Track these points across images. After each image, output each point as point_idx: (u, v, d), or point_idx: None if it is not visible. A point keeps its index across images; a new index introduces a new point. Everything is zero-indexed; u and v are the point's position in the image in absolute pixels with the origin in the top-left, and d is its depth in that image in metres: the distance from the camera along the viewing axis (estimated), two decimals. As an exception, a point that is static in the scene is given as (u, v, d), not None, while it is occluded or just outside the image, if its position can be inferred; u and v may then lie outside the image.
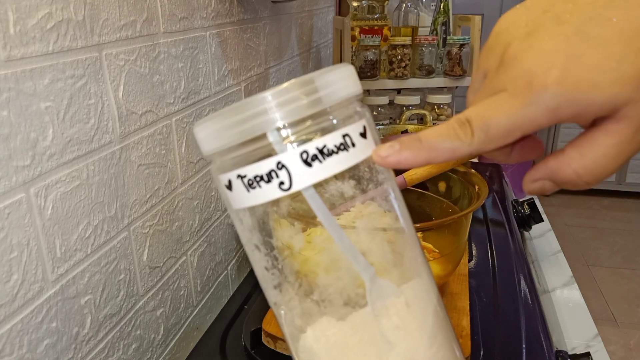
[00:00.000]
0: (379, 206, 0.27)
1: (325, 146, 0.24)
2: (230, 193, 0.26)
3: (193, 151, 0.65)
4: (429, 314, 0.28)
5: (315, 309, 0.27)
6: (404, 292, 0.27)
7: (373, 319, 0.26)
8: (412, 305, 0.27)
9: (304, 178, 0.24)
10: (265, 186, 0.24)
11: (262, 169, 0.24)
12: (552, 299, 0.78)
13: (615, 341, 1.92)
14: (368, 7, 1.30)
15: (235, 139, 0.24)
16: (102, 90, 0.47)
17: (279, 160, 0.24)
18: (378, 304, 0.26)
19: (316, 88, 0.24)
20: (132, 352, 0.55)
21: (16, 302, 0.39)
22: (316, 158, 0.24)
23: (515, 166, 1.09)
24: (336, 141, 0.24)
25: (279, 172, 0.24)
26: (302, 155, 0.24)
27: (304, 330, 0.28)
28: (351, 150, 0.25)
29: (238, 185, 0.25)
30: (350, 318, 0.27)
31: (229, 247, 0.78)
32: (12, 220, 0.38)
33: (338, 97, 0.25)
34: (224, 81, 0.73)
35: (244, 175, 0.24)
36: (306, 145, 0.24)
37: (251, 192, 0.24)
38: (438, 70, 1.29)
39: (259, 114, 0.23)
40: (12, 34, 0.37)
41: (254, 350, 0.55)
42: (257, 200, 0.25)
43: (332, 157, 0.24)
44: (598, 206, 2.96)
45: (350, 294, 0.26)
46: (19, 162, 0.38)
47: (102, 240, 0.49)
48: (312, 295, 0.27)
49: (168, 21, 0.58)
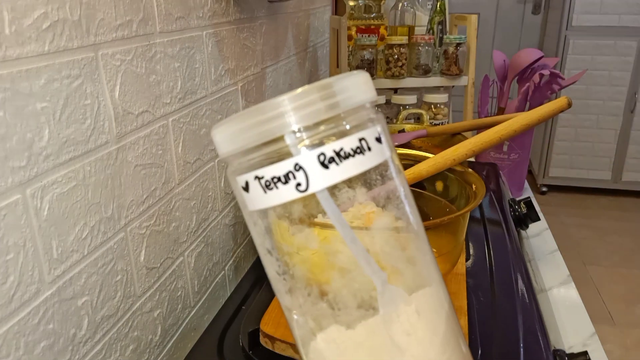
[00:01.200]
0: (388, 212, 0.28)
1: (342, 149, 0.24)
2: (246, 195, 0.26)
3: (190, 151, 0.65)
4: (441, 321, 0.28)
5: (326, 314, 0.27)
6: (415, 300, 0.27)
7: (384, 325, 0.26)
8: (423, 312, 0.27)
9: (321, 180, 0.24)
10: (282, 187, 0.24)
11: (280, 170, 0.24)
12: (549, 298, 0.78)
13: (612, 340, 1.92)
14: (365, 7, 1.30)
15: (253, 140, 0.24)
16: (98, 91, 0.47)
17: (296, 162, 0.24)
18: (389, 310, 0.26)
19: (334, 92, 0.25)
20: (130, 353, 0.55)
21: (13, 303, 0.39)
22: (333, 160, 0.24)
23: (512, 165, 1.09)
24: (353, 144, 0.25)
25: (296, 173, 0.24)
26: (319, 157, 0.24)
27: (314, 336, 0.28)
28: (367, 154, 0.25)
29: (255, 186, 0.25)
30: (361, 325, 0.27)
31: (226, 248, 0.78)
32: (9, 221, 0.38)
33: (354, 102, 0.25)
34: (221, 81, 0.73)
35: (261, 176, 0.25)
36: (323, 148, 0.24)
37: (268, 193, 0.25)
38: (435, 69, 1.29)
39: (276, 116, 0.24)
40: (7, 34, 0.37)
41: (252, 350, 0.55)
42: (274, 201, 0.25)
43: (348, 160, 0.24)
44: (595, 205, 2.96)
45: (364, 297, 0.26)
46: (15, 163, 0.38)
47: (99, 241, 0.49)
48: (323, 301, 0.27)
49: (164, 21, 0.58)
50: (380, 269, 0.26)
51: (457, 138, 1.04)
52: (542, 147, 2.98)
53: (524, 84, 1.10)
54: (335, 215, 0.25)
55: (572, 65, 2.74)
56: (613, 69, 2.73)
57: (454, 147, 0.57)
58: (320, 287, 0.27)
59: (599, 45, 2.70)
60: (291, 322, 0.29)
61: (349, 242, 0.25)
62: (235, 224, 0.81)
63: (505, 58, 1.16)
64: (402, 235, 0.28)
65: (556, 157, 2.97)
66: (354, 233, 0.25)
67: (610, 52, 2.70)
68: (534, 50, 1.10)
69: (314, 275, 0.54)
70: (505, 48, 2.97)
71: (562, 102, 0.57)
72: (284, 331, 0.53)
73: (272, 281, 0.29)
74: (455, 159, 0.57)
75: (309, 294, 0.27)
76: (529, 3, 3.03)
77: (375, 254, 0.26)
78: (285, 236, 0.28)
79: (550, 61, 1.11)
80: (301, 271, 0.28)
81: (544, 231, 0.98)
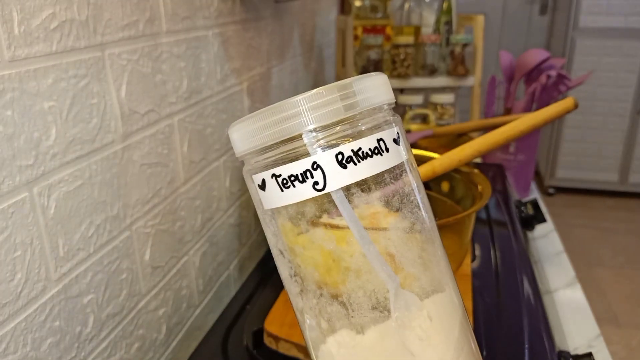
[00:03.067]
0: (403, 217, 0.27)
1: (361, 149, 0.24)
2: (262, 193, 0.26)
3: (195, 151, 0.65)
4: (454, 326, 0.28)
5: (338, 316, 0.27)
6: (428, 305, 0.27)
7: (396, 329, 0.26)
8: (437, 318, 0.27)
9: (339, 179, 0.24)
10: (299, 186, 0.24)
11: (297, 169, 0.24)
12: (555, 299, 0.78)
13: (617, 341, 1.91)
14: (370, 6, 1.30)
15: (271, 138, 0.24)
16: (104, 90, 0.48)
17: (314, 161, 0.24)
18: (402, 315, 0.26)
19: (353, 93, 0.25)
20: (135, 351, 0.55)
21: (20, 300, 0.39)
22: (351, 160, 0.24)
23: (518, 166, 1.08)
24: (371, 145, 0.25)
25: (314, 172, 0.24)
26: (337, 157, 0.24)
27: (325, 339, 0.28)
28: (385, 155, 0.25)
29: (272, 185, 0.25)
30: (373, 329, 0.27)
31: (231, 247, 0.78)
32: (16, 219, 0.38)
33: (373, 103, 0.25)
34: (226, 80, 0.73)
35: (279, 174, 0.25)
36: (342, 147, 0.24)
37: (285, 191, 0.25)
38: (441, 69, 1.29)
39: (295, 115, 0.24)
40: (16, 34, 0.37)
41: (256, 350, 0.55)
42: (291, 199, 0.25)
43: (366, 160, 0.25)
44: (601, 206, 2.95)
45: (379, 298, 0.26)
46: (23, 162, 0.39)
47: (105, 239, 0.49)
48: (334, 303, 0.27)
49: (171, 21, 0.58)
50: (393, 272, 0.26)
51: (463, 138, 1.04)
52: (549, 148, 2.97)
53: (530, 85, 1.10)
54: (349, 215, 0.25)
55: (579, 66, 2.73)
56: (619, 70, 2.71)
57: (460, 147, 0.57)
58: (332, 289, 0.27)
59: (606, 46, 2.69)
60: (303, 325, 0.29)
61: (362, 243, 0.25)
62: (240, 224, 0.81)
63: (511, 59, 1.15)
64: (417, 237, 0.28)
65: (563, 158, 2.95)
66: (369, 234, 0.25)
67: (617, 53, 2.69)
68: (541, 50, 1.10)
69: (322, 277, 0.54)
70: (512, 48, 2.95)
71: (569, 103, 0.57)
72: (288, 331, 0.53)
73: (285, 283, 0.29)
74: (461, 160, 0.57)
75: (321, 295, 0.27)
76: (536, 4, 3.01)
77: (390, 255, 0.26)
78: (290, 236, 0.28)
79: (557, 62, 1.10)
80: (310, 273, 0.28)
81: (550, 232, 0.97)
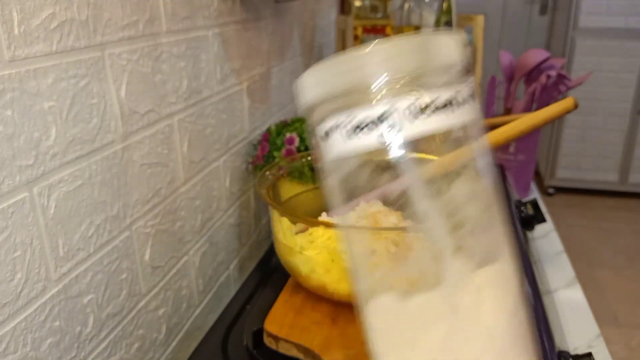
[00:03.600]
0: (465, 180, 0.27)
1: (435, 100, 0.24)
2: (325, 144, 0.25)
3: (195, 151, 0.65)
4: (507, 298, 0.27)
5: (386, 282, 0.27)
6: (480, 275, 0.26)
7: (447, 296, 0.26)
8: (489, 288, 0.26)
9: (408, 130, 0.23)
10: (364, 137, 0.24)
11: (366, 118, 0.23)
12: (555, 299, 0.78)
13: (617, 341, 1.91)
14: (370, 7, 1.30)
15: (343, 86, 0.24)
16: (104, 90, 0.48)
17: (385, 110, 0.23)
18: (453, 282, 0.26)
19: (428, 47, 0.24)
20: (134, 351, 0.55)
21: (20, 300, 0.39)
22: (423, 112, 0.23)
23: (518, 166, 1.08)
24: (447, 96, 0.24)
25: (381, 123, 0.23)
26: (410, 107, 0.23)
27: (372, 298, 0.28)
28: (457, 110, 0.24)
29: (336, 135, 0.25)
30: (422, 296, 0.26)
31: (231, 247, 0.79)
32: (16, 219, 0.38)
33: (448, 60, 0.25)
34: (226, 80, 0.73)
35: (345, 123, 0.24)
36: (414, 99, 0.23)
37: (350, 140, 0.24)
38: (441, 70, 1.29)
39: (368, 64, 0.23)
40: (16, 34, 0.37)
41: (256, 350, 0.55)
42: (356, 149, 0.24)
43: (437, 113, 0.24)
44: (601, 206, 2.95)
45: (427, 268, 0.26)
46: (23, 162, 0.39)
47: (105, 239, 0.49)
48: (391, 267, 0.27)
49: (170, 21, 0.58)
50: (449, 241, 0.25)
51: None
52: (549, 148, 2.97)
53: (530, 85, 1.10)
54: (414, 179, 0.24)
55: (579, 66, 2.73)
56: (619, 70, 2.71)
57: (460, 147, 0.57)
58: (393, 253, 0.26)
59: (606, 46, 2.69)
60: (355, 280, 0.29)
61: (423, 209, 0.24)
62: (240, 224, 0.81)
63: (511, 59, 1.15)
64: (478, 197, 0.27)
65: (563, 158, 2.95)
66: (431, 200, 0.25)
67: (617, 53, 2.69)
68: (541, 50, 1.10)
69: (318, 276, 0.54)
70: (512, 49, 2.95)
71: (569, 103, 0.57)
72: (288, 331, 0.53)
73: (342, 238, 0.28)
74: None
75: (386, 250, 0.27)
76: (536, 4, 3.02)
77: (450, 215, 0.26)
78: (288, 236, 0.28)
79: (557, 62, 1.10)
80: None
81: (550, 232, 0.97)
